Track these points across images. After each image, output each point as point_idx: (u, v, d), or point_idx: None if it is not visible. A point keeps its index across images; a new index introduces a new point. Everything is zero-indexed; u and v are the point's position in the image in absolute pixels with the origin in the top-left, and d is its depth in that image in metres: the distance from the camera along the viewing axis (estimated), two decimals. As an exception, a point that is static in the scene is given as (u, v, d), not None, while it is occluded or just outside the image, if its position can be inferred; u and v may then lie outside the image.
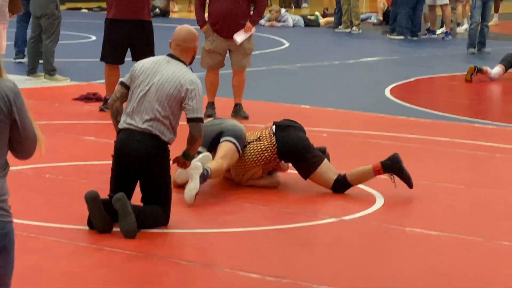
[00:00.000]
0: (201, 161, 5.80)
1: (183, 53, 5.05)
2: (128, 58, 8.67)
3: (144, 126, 4.85)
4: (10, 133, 2.53)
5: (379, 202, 5.90)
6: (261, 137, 6.12)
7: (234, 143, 6.02)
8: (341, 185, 5.97)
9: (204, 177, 5.66)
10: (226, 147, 6.09)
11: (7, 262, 2.57)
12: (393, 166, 5.96)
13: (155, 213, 5.01)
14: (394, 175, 5.89)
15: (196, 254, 4.97)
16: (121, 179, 5.07)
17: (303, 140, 6.07)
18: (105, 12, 9.31)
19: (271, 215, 5.83)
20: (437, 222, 5.71)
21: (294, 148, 5.99)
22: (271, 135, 6.09)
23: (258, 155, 6.08)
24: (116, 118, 5.09)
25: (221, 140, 6.10)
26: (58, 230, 4.98)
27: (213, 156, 6.12)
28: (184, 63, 5.11)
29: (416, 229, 5.23)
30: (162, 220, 4.94)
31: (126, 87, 5.02)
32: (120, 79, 5.13)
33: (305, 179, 6.02)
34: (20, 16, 10.95)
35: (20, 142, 2.55)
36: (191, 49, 5.18)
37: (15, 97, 2.57)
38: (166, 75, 4.91)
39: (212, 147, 6.15)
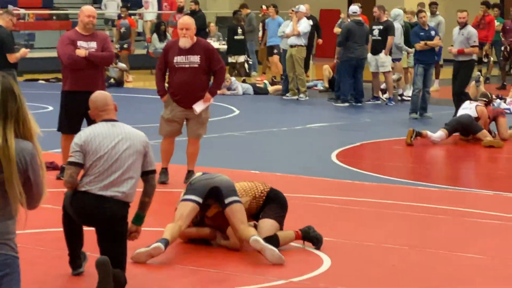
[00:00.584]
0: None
1: (112, 113, 5.41)
2: (83, 126, 8.82)
3: (114, 192, 5.00)
4: (23, 187, 2.95)
5: (326, 263, 6.03)
6: (254, 181, 6.75)
7: (240, 202, 6.46)
8: (274, 242, 6.47)
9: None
10: (240, 209, 6.47)
11: (11, 284, 2.90)
12: (310, 235, 6.53)
13: (122, 278, 5.12)
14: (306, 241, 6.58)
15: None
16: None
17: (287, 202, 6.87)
18: (62, 83, 9.60)
19: (220, 278, 5.95)
20: (382, 284, 5.87)
21: (283, 200, 6.62)
22: (264, 183, 6.73)
23: (250, 187, 6.61)
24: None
25: (229, 201, 6.45)
26: (15, 298, 5.00)
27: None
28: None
29: (362, 291, 5.50)
30: (124, 283, 5.09)
31: (81, 165, 5.17)
32: (72, 160, 5.30)
33: (258, 219, 6.49)
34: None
35: (31, 195, 2.97)
36: (114, 107, 5.54)
37: (32, 159, 2.95)
38: (128, 137, 5.15)
39: (206, 199, 6.53)
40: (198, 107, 8.92)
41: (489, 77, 19.82)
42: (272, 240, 6.42)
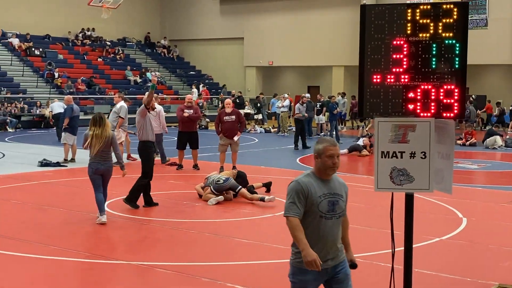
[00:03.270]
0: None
1: None
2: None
3: None
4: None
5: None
6: (231, 171, 11.14)
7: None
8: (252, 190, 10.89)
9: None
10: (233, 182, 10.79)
11: None
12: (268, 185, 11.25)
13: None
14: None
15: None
16: None
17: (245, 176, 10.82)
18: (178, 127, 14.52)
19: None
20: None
21: (245, 175, 11.06)
22: (233, 171, 11.18)
23: (230, 172, 11.10)
24: None
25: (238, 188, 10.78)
26: None
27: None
28: None
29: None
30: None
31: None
32: None
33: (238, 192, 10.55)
34: None
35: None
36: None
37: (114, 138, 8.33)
38: None
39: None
40: (235, 137, 13.82)
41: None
42: (252, 189, 10.92)
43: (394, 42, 4.41)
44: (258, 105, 32.28)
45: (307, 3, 38.39)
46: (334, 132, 22.54)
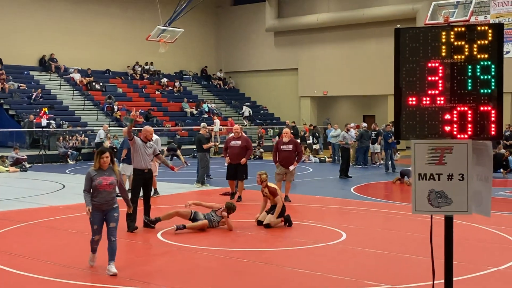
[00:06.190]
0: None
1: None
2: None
3: None
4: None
5: (343, 236, 10.80)
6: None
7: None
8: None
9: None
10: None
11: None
12: (288, 219, 10.84)
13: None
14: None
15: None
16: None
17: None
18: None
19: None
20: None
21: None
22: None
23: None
24: None
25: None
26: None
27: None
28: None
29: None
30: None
31: None
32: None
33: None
34: None
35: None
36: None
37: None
38: None
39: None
40: (291, 167, 14.13)
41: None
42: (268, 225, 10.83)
43: (429, 65, 4.42)
44: (317, 134, 32.76)
45: (360, 33, 38.41)
46: (389, 161, 22.43)
